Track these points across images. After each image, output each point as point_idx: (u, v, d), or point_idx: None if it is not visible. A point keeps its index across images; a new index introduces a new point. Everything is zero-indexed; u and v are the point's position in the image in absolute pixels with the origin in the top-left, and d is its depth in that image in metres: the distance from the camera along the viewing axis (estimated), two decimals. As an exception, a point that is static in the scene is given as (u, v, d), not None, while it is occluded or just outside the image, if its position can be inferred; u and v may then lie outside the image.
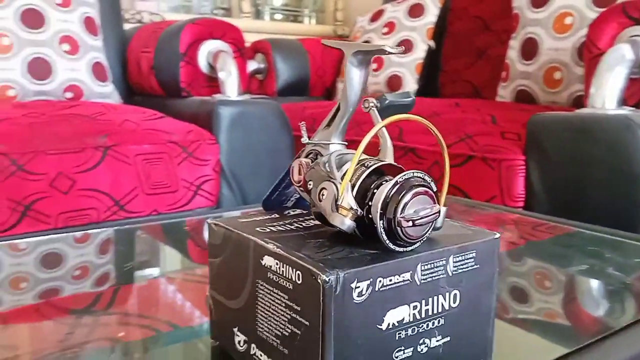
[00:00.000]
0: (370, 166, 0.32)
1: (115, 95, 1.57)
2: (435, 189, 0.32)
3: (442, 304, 0.33)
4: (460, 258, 0.33)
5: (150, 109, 1.38)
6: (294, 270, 0.30)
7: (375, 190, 0.31)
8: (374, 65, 1.84)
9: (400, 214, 0.30)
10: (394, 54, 0.33)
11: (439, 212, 0.32)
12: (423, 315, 0.32)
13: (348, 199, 0.30)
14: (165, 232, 0.82)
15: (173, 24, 1.53)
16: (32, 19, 1.43)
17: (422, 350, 0.32)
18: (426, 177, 0.32)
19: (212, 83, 1.46)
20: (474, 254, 0.34)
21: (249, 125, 1.33)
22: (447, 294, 0.33)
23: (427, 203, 0.31)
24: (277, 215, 0.39)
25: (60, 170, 1.09)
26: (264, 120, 1.36)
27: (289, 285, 0.30)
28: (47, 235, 0.76)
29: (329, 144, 0.37)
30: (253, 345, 0.34)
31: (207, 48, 1.45)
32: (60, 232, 0.88)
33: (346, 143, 0.38)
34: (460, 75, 1.79)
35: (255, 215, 0.39)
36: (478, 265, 0.35)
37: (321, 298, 0.28)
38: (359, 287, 0.29)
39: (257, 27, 2.28)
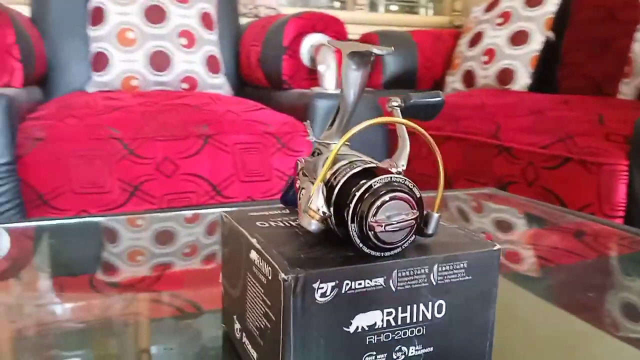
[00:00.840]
0: (356, 168, 0.32)
1: (227, 86, 1.67)
2: (418, 194, 0.31)
3: (424, 313, 0.32)
4: (447, 268, 0.32)
5: (256, 100, 1.45)
6: (267, 266, 0.31)
7: (356, 193, 0.31)
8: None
9: (372, 218, 0.30)
10: (382, 55, 0.33)
11: (416, 218, 0.31)
12: (399, 323, 0.32)
13: (317, 202, 0.31)
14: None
15: (281, 17, 1.58)
16: (155, 14, 1.56)
17: (398, 357, 0.32)
18: (407, 183, 0.31)
19: (313, 76, 1.50)
20: (464, 265, 0.33)
21: (344, 118, 1.34)
22: (430, 303, 0.32)
23: (403, 209, 0.30)
24: (288, 212, 0.40)
25: (166, 156, 1.19)
26: (359, 114, 1.36)
27: (264, 280, 0.31)
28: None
29: (329, 143, 0.37)
30: (243, 334, 0.36)
31: (310, 41, 1.49)
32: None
33: (348, 143, 0.38)
34: (580, 69, 1.66)
35: (268, 210, 0.41)
36: (470, 277, 0.33)
37: (281, 296, 0.29)
38: (322, 287, 0.29)
39: (371, 20, 2.28)
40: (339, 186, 0.32)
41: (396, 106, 0.43)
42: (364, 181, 0.31)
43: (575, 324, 0.47)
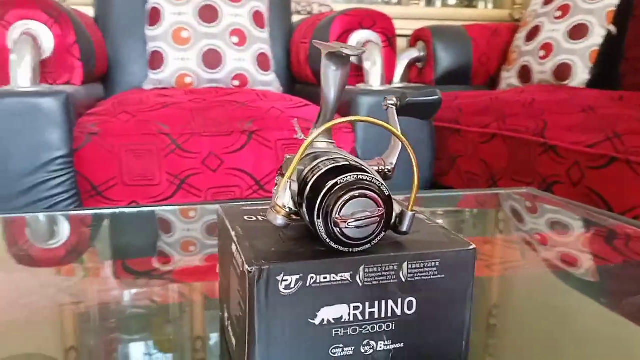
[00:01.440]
0: (330, 165, 0.33)
1: (277, 83, 1.70)
2: (387, 193, 0.32)
3: (393, 309, 0.33)
4: (417, 265, 0.33)
5: (305, 97, 1.47)
6: (240, 257, 0.32)
7: (322, 189, 0.32)
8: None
9: (337, 214, 0.31)
10: (351, 55, 0.33)
11: (382, 215, 0.31)
12: (367, 317, 0.32)
13: (283, 198, 0.32)
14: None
15: (330, 14, 1.60)
16: (208, 14, 1.61)
17: (366, 351, 0.33)
18: (375, 181, 0.32)
19: (360, 73, 1.50)
20: (436, 263, 0.33)
21: (385, 115, 1.34)
22: (400, 300, 0.33)
23: (368, 206, 0.31)
24: (281, 207, 0.42)
25: (212, 150, 1.24)
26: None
27: (238, 271, 0.33)
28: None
29: (315, 141, 0.38)
30: (228, 322, 0.38)
31: (356, 38, 1.49)
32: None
33: (333, 141, 0.39)
34: (645, 63, 1.57)
35: (262, 205, 0.42)
36: (443, 276, 0.33)
37: (247, 286, 0.30)
38: (286, 280, 0.31)
39: (427, 14, 2.25)
40: (311, 182, 0.33)
41: (392, 104, 0.44)
42: (330, 178, 0.32)
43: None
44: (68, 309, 0.47)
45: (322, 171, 0.33)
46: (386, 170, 0.40)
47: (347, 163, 0.33)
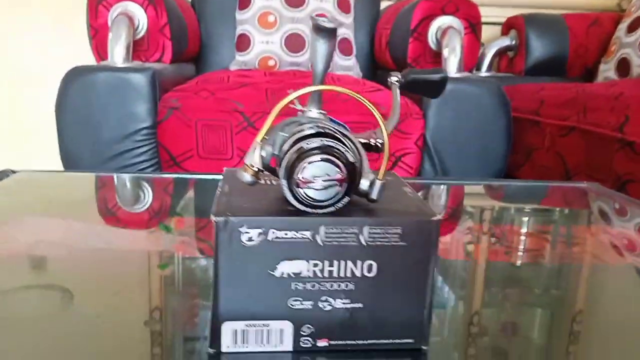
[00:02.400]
0: (308, 130, 0.35)
1: (357, 68, 1.72)
2: (352, 159, 0.34)
3: (352, 271, 0.35)
4: (378, 231, 0.34)
5: (384, 82, 1.48)
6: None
7: (288, 152, 0.34)
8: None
9: (298, 176, 0.33)
10: (323, 27, 0.35)
11: (343, 180, 0.33)
12: (326, 275, 0.34)
13: (252, 158, 0.35)
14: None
15: (414, 0, 1.58)
16: (295, -1, 1.66)
17: (324, 307, 0.35)
18: (339, 147, 0.34)
19: (439, 59, 1.48)
20: (398, 231, 0.34)
21: (460, 103, 1.31)
22: (360, 262, 0.34)
23: (330, 170, 0.33)
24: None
25: (283, 130, 1.28)
26: (478, 99, 1.32)
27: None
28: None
29: (305, 110, 0.40)
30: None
31: (438, 24, 1.47)
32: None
33: (324, 112, 0.41)
34: None
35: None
36: (405, 243, 0.35)
37: (215, 237, 0.34)
38: (248, 233, 0.33)
39: (526, 2, 2.15)
40: (288, 146, 0.35)
41: (395, 82, 0.45)
42: (298, 143, 0.34)
43: None
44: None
45: (295, 136, 0.35)
46: (378, 143, 0.42)
47: (320, 130, 0.35)
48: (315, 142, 0.34)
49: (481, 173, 1.35)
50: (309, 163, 0.33)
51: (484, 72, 1.90)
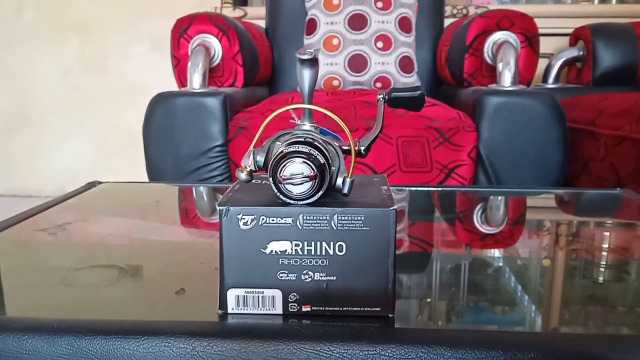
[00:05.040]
0: (290, 140, 0.45)
1: (417, 84, 1.79)
2: (322, 161, 0.43)
3: (326, 249, 0.43)
4: (345, 218, 0.43)
5: (447, 97, 1.54)
6: (224, 203, 0.46)
7: (274, 156, 0.44)
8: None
9: (279, 174, 0.43)
10: (302, 59, 0.44)
11: (314, 177, 0.42)
12: (305, 253, 0.44)
13: (247, 160, 0.44)
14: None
15: (471, 17, 1.63)
16: (357, 22, 1.77)
17: (305, 279, 0.44)
18: (312, 152, 0.43)
19: (493, 73, 1.52)
20: (362, 218, 0.43)
21: (513, 115, 1.35)
22: (332, 242, 0.43)
23: (304, 169, 0.42)
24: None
25: (341, 145, 1.38)
26: (532, 111, 1.35)
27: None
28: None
29: (301, 125, 0.50)
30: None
31: (493, 39, 1.51)
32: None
33: (316, 125, 0.50)
34: None
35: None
36: (368, 228, 0.43)
37: (220, 222, 0.44)
38: (244, 219, 0.43)
39: (593, 12, 2.12)
40: (277, 151, 0.45)
41: (381, 98, 0.54)
42: (282, 149, 0.44)
43: None
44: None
45: (283, 144, 0.45)
46: (362, 149, 0.50)
47: (301, 139, 0.45)
48: (294, 148, 0.43)
49: (537, 184, 1.37)
50: (288, 164, 0.42)
51: (550, 84, 1.90)
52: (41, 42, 2.59)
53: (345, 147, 0.49)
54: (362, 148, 0.50)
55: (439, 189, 1.03)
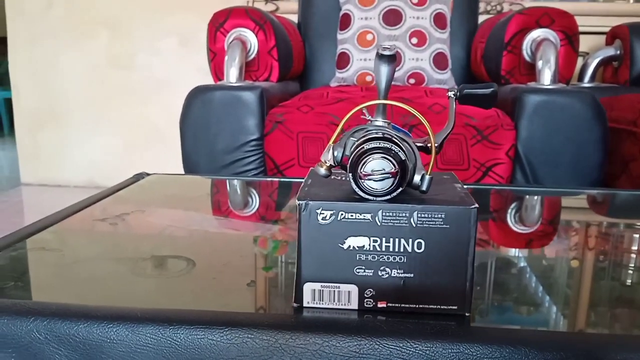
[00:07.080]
0: (372, 134, 0.45)
1: (451, 81, 1.77)
2: (403, 157, 0.43)
3: (405, 246, 0.43)
4: (425, 215, 0.43)
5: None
6: (300, 197, 0.46)
7: (354, 152, 0.44)
8: None
9: (360, 170, 0.43)
10: (382, 54, 0.44)
11: (396, 173, 0.42)
12: (383, 249, 0.44)
13: (326, 155, 0.45)
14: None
15: (509, 14, 1.62)
16: (392, 17, 1.76)
17: (382, 275, 0.44)
18: (394, 148, 0.43)
19: (533, 71, 1.50)
20: (442, 215, 0.43)
21: (553, 114, 1.33)
22: (411, 240, 0.43)
23: (385, 166, 0.42)
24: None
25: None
26: (571, 110, 1.34)
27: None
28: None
29: (374, 121, 0.50)
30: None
31: (532, 37, 1.49)
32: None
33: (389, 121, 0.50)
34: None
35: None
36: (448, 226, 0.43)
37: (298, 216, 0.44)
38: (323, 214, 0.44)
39: (631, 10, 2.09)
40: (355, 147, 0.45)
41: (452, 96, 0.53)
42: (362, 145, 0.44)
43: None
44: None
45: (360, 140, 0.45)
46: (431, 146, 0.50)
47: (379, 135, 0.45)
48: (374, 144, 0.43)
49: (575, 183, 1.36)
50: (369, 160, 0.42)
51: (586, 83, 1.87)
52: (69, 37, 2.62)
53: (419, 144, 0.49)
54: (436, 145, 0.50)
55: (476, 186, 1.02)
